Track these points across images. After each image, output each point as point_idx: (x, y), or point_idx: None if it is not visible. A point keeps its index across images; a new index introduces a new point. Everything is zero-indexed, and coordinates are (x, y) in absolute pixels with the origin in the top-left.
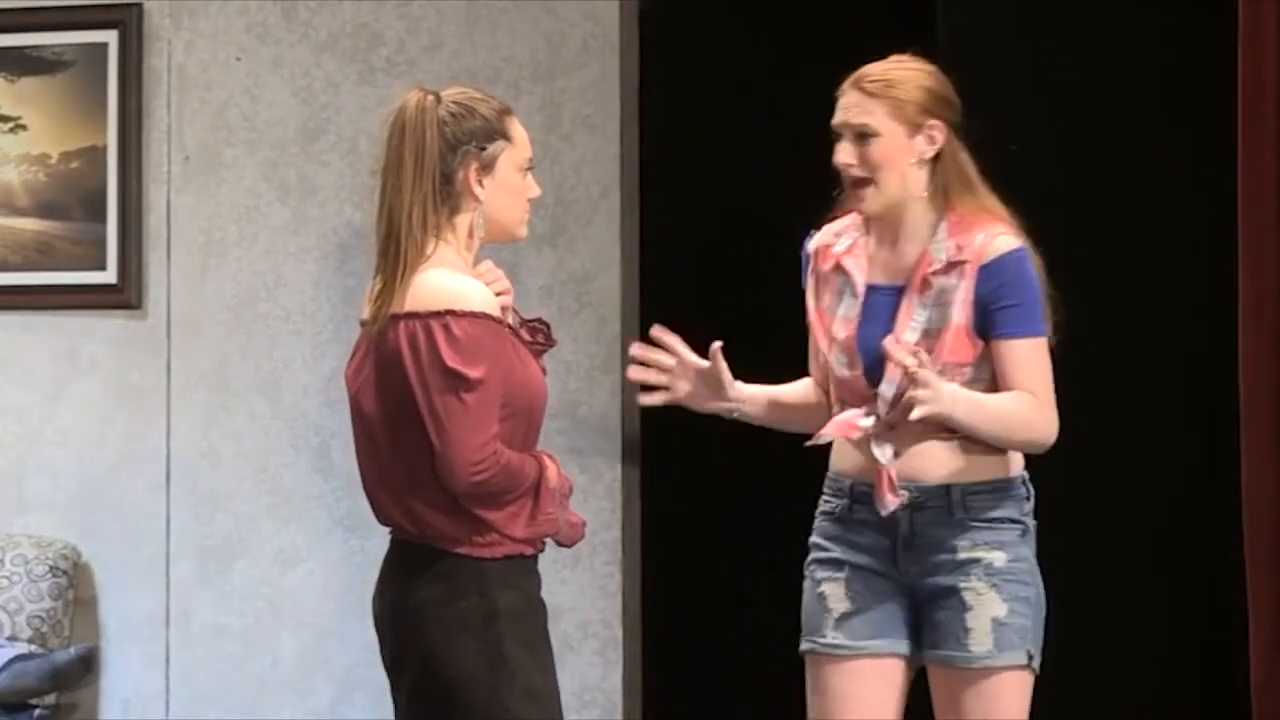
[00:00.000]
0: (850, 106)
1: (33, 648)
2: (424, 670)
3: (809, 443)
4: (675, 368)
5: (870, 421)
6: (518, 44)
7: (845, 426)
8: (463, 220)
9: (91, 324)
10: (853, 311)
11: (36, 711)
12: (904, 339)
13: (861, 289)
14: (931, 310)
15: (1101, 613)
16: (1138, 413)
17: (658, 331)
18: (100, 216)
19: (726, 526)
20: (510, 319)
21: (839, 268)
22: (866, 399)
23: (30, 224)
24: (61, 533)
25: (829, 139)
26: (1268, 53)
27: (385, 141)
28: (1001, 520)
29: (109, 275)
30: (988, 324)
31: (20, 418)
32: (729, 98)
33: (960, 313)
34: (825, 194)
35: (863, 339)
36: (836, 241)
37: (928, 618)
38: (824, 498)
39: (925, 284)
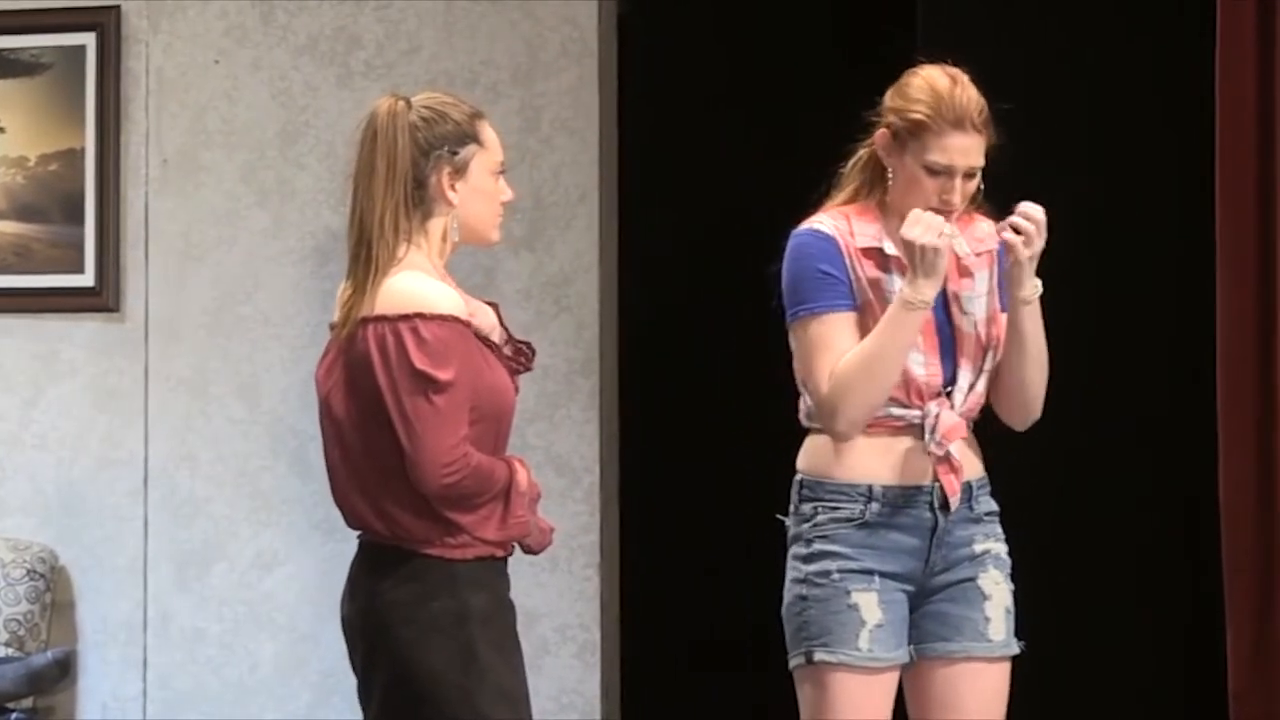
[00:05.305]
0: (969, 150)
1: (9, 651)
2: (396, 673)
3: (935, 450)
4: None
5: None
6: (496, 48)
7: (960, 429)
8: (435, 225)
9: (69, 327)
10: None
11: (14, 715)
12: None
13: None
14: (974, 301)
15: (1080, 616)
16: (1115, 414)
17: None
18: (78, 219)
19: (705, 529)
20: (496, 336)
21: (881, 264)
22: (925, 395)
23: (8, 227)
24: (39, 536)
25: (808, 141)
26: (1246, 50)
27: (357, 147)
28: (995, 513)
29: (87, 278)
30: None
31: None
32: (708, 101)
33: (995, 300)
34: (805, 197)
35: (940, 333)
36: (856, 236)
37: (932, 612)
38: (825, 504)
39: (966, 273)
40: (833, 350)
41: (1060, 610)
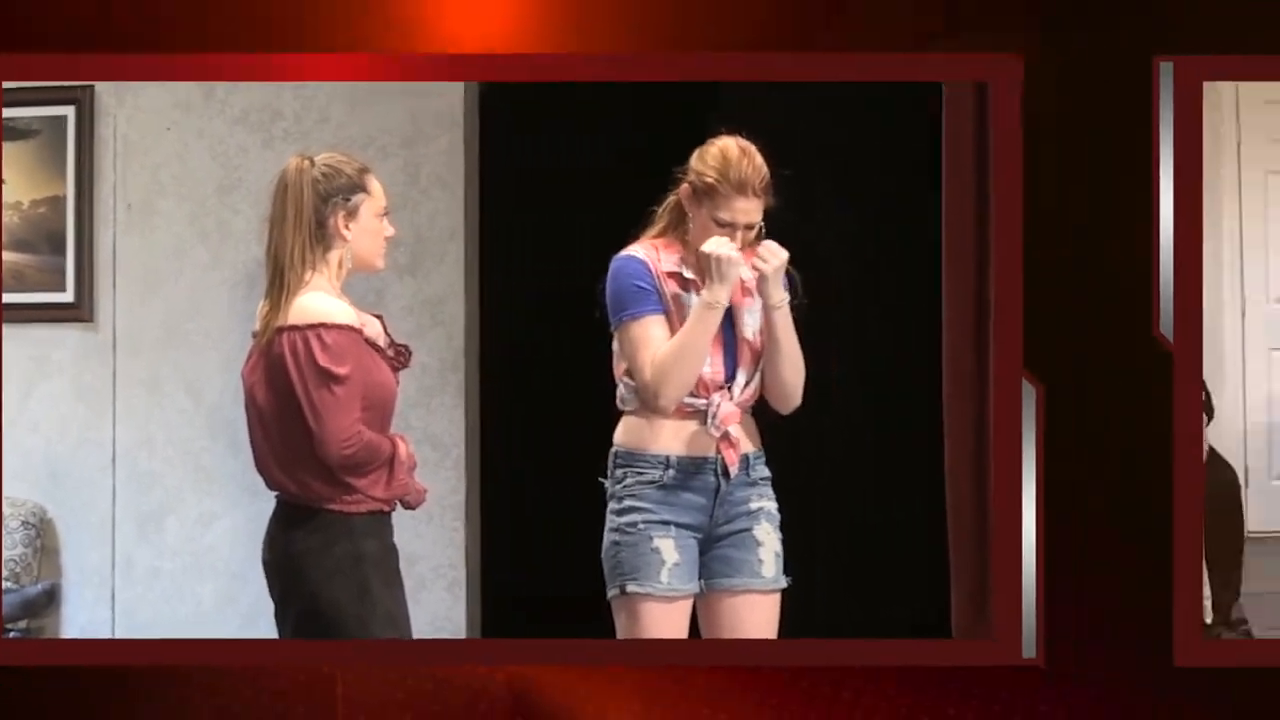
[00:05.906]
0: (749, 210)
1: (9, 584)
2: (306, 607)
3: (713, 432)
4: None
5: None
6: (388, 119)
7: (735, 416)
8: (333, 255)
9: (55, 335)
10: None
11: (11, 633)
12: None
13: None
14: (750, 316)
15: (838, 557)
16: (863, 404)
17: None
18: (61, 251)
19: (548, 491)
20: (382, 341)
21: (682, 284)
22: (711, 388)
23: (6, 256)
24: (33, 495)
25: (625, 191)
26: (965, 136)
27: (272, 196)
28: (768, 479)
29: (68, 296)
30: None
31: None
32: (551, 162)
33: (763, 316)
34: (620, 233)
35: (724, 340)
36: (661, 261)
37: (718, 555)
38: (634, 470)
39: (747, 292)
40: (651, 345)
41: (820, 554)
